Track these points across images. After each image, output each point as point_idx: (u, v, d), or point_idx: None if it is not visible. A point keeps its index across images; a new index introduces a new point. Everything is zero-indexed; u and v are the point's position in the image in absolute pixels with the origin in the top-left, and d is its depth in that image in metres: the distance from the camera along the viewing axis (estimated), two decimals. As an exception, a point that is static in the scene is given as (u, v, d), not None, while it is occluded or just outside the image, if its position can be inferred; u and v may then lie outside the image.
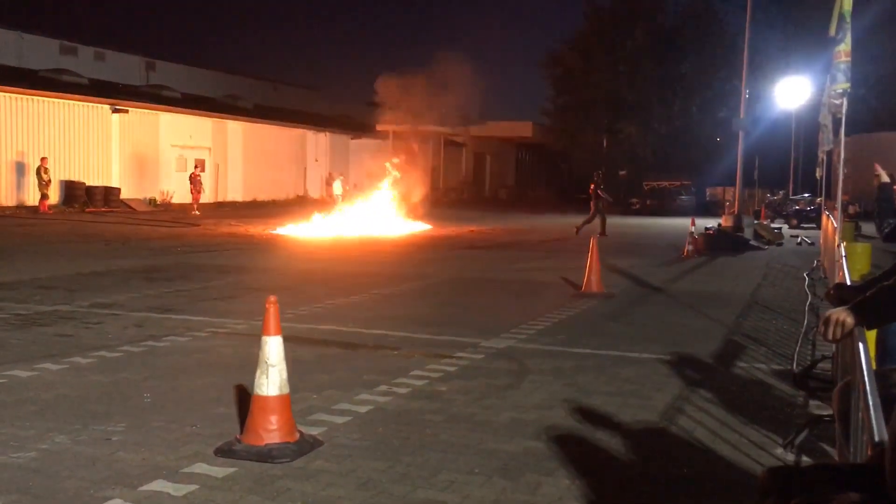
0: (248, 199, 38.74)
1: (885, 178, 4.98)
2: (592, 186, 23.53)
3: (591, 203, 23.66)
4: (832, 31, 7.11)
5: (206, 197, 34.41)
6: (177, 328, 8.04)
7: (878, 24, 39.04)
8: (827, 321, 2.80)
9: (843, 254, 5.96)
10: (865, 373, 2.10)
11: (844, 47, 6.83)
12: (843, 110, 7.26)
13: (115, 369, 6.33)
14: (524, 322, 8.71)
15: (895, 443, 1.41)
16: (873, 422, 1.81)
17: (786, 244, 21.40)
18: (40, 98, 29.95)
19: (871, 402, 1.90)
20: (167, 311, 9.03)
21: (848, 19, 6.79)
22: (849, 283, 4.76)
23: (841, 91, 7.04)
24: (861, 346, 2.40)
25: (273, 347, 4.50)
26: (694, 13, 54.49)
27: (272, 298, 4.56)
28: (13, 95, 29.01)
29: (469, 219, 30.49)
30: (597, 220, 23.33)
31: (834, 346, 5.49)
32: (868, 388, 2.02)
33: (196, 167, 33.51)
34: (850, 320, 2.71)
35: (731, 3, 58.13)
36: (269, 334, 4.51)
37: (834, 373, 5.87)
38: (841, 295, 3.57)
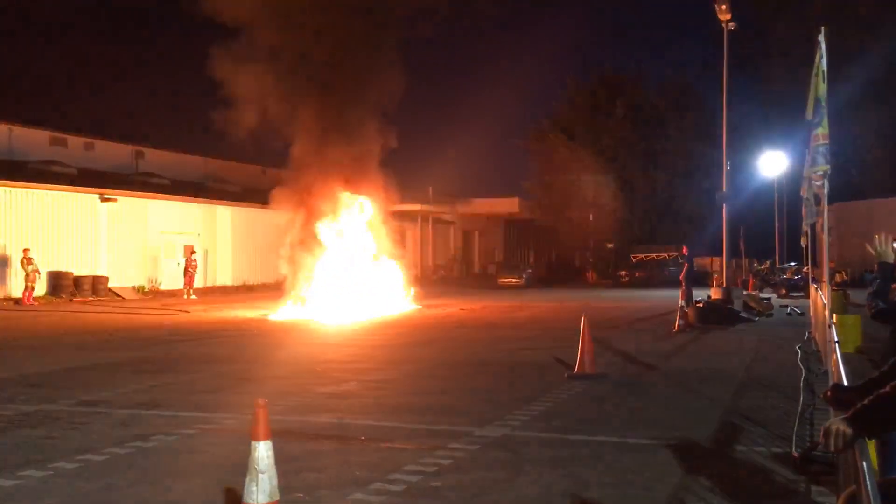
0: (238, 282, 38.59)
1: (888, 258, 4.83)
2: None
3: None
4: (809, 115, 7.27)
5: (196, 282, 34.26)
6: (165, 426, 7.88)
7: (855, 101, 39.93)
8: (827, 433, 2.77)
9: (836, 337, 5.92)
10: (870, 490, 2.05)
11: (822, 130, 6.97)
12: (825, 191, 7.36)
13: (100, 475, 6.17)
14: (518, 408, 8.59)
15: None
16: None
17: (776, 314, 21.40)
18: (30, 190, 30.07)
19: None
20: (155, 407, 8.87)
21: (824, 102, 6.95)
22: (846, 383, 4.71)
23: (822, 172, 7.15)
24: (865, 465, 2.36)
25: (262, 453, 4.40)
26: (673, 89, 55.79)
27: (261, 402, 4.48)
28: (2, 189, 29.11)
29: (458, 296, 30.43)
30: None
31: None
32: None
33: (193, 253, 33.52)
34: (850, 431, 2.68)
35: (709, 79, 59.55)
36: (258, 439, 4.41)
37: (835, 455, 5.78)
38: (839, 397, 3.53)
